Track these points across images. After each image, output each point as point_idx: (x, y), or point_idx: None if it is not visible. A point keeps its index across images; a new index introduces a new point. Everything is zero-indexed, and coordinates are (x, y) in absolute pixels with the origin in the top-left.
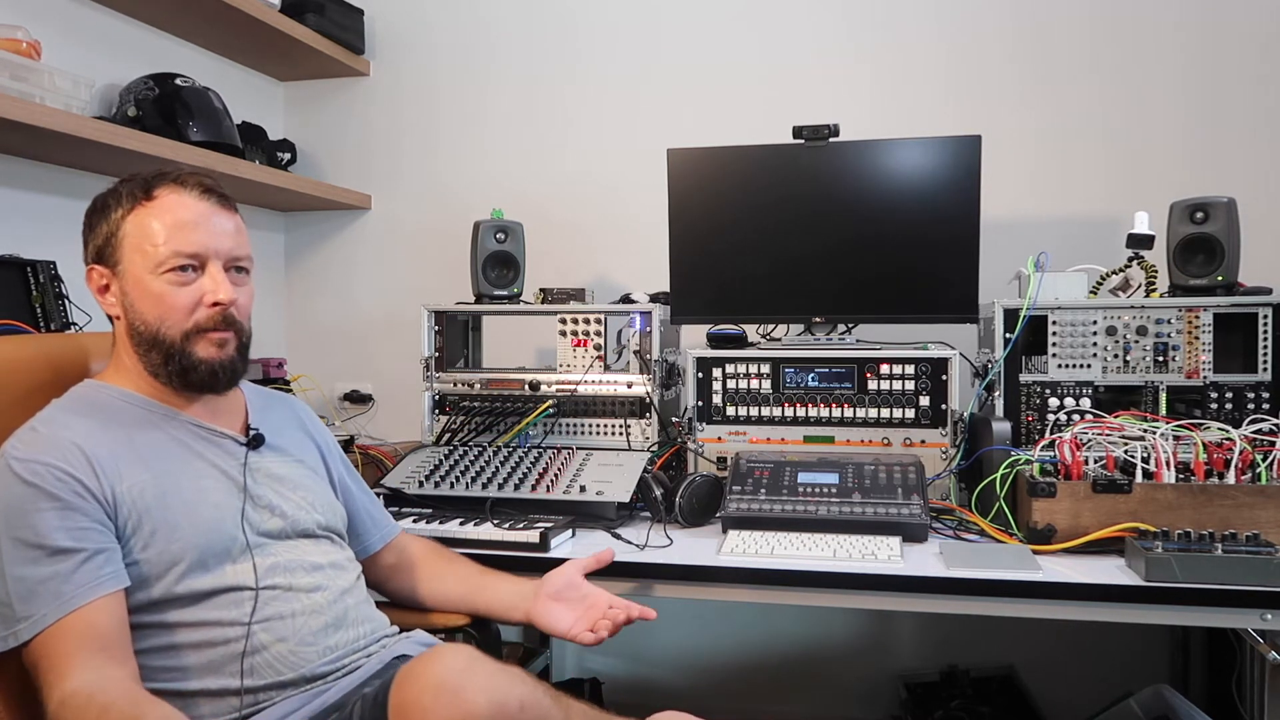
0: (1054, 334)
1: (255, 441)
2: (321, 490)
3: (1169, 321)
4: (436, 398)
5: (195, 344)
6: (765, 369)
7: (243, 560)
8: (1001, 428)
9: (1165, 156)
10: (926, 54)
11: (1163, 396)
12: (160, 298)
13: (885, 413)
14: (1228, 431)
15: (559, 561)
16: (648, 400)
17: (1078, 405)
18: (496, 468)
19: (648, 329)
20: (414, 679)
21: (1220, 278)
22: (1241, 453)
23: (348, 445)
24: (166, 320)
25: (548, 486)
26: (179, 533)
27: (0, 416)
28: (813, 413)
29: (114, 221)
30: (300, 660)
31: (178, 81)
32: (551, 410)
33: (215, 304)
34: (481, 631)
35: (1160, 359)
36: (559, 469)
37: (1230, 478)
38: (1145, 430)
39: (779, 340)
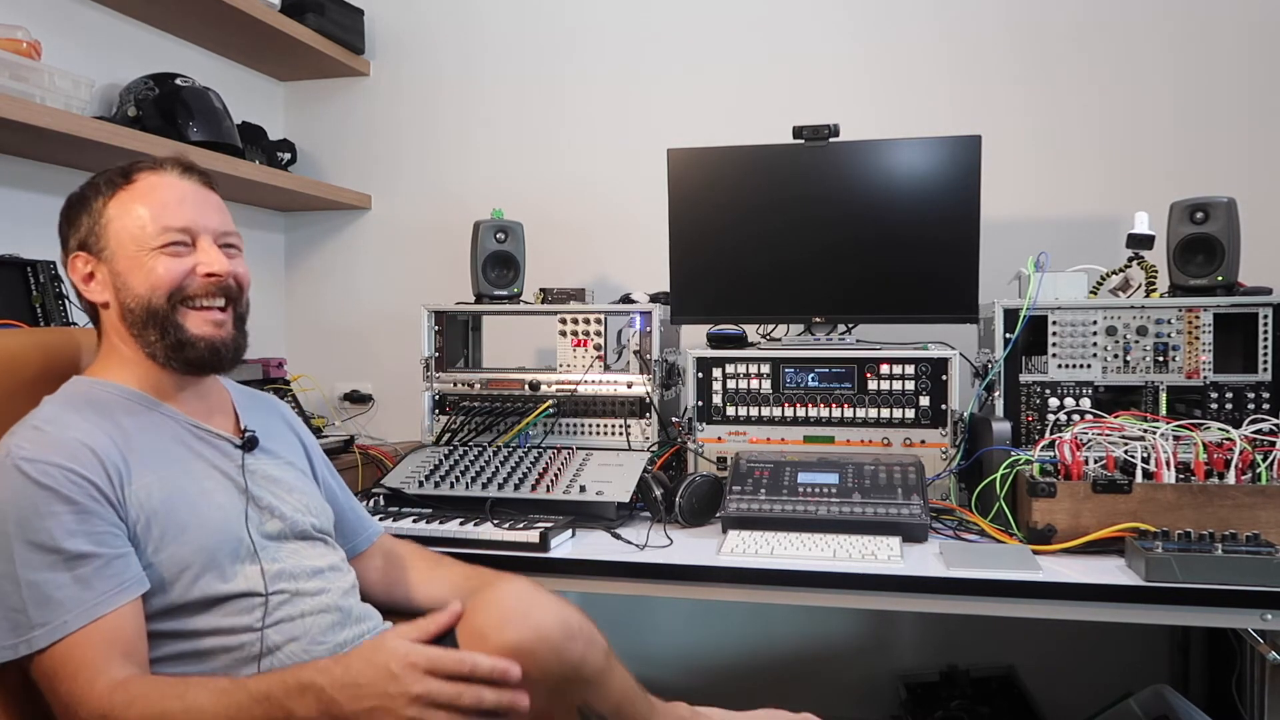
0: (1054, 334)
1: (250, 444)
2: (312, 492)
3: (1169, 321)
4: (436, 398)
5: (186, 316)
6: (765, 369)
7: (250, 563)
8: (1001, 428)
9: (1165, 156)
10: (926, 54)
11: (1163, 396)
12: (152, 271)
13: (885, 413)
14: (1228, 431)
15: (559, 561)
16: (648, 400)
17: (1078, 405)
18: (496, 468)
19: (648, 329)
20: (483, 609)
21: (1220, 278)
22: (1241, 453)
23: (348, 445)
24: (157, 289)
25: (548, 486)
26: (187, 535)
27: None
28: (813, 413)
29: (96, 210)
30: (312, 659)
31: (178, 81)
32: (551, 410)
33: (210, 275)
34: None
35: (1160, 359)
36: (559, 469)
37: (1230, 478)
38: (1145, 430)
39: (779, 340)
